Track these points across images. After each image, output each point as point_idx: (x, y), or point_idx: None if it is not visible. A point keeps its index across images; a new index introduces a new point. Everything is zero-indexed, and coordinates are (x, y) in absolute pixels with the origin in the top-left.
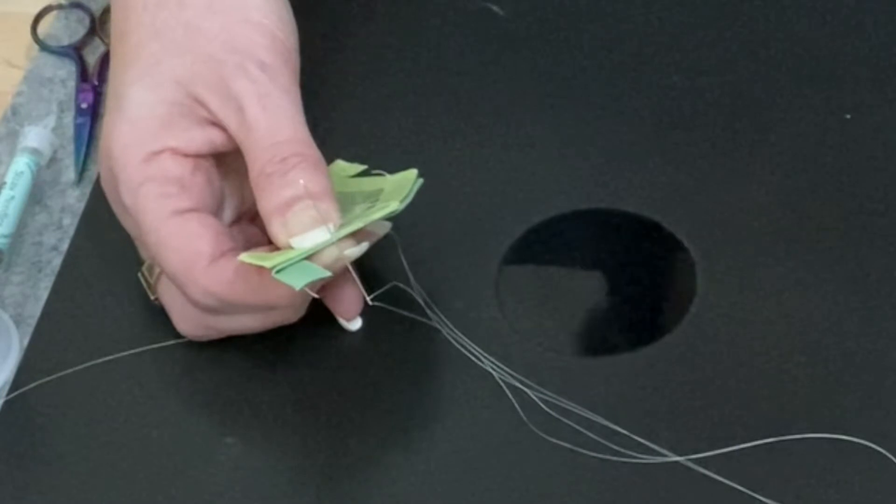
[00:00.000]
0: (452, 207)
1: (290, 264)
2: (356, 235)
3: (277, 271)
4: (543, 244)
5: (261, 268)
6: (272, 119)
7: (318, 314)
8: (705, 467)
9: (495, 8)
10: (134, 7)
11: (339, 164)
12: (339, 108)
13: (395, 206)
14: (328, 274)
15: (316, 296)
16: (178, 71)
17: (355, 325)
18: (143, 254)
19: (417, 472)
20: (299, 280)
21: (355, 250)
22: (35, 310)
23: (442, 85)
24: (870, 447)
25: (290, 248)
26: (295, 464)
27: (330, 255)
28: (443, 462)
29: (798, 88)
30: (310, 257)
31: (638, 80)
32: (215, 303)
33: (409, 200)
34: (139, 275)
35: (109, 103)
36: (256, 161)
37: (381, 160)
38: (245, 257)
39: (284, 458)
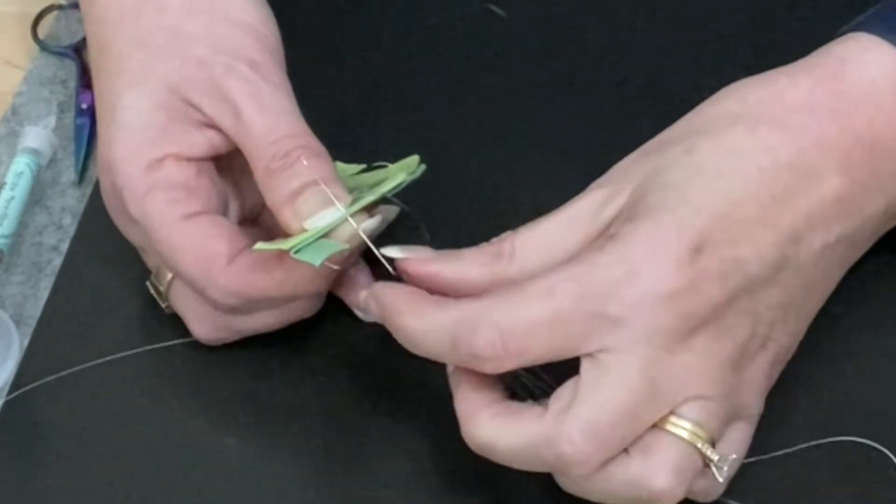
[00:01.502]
0: (451, 208)
1: (307, 244)
2: (368, 210)
3: (296, 252)
4: None
5: (279, 257)
6: (269, 117)
7: (318, 315)
8: None
9: (496, 8)
10: (111, 18)
11: (339, 165)
12: (339, 109)
13: (402, 177)
14: (346, 247)
15: (337, 268)
16: (168, 76)
17: (371, 315)
18: (149, 262)
19: (417, 471)
20: (318, 256)
21: (370, 223)
22: (35, 310)
23: (442, 85)
24: (870, 447)
25: (305, 231)
26: (295, 464)
27: (346, 232)
28: (443, 462)
29: None
30: (325, 236)
31: (639, 80)
32: (237, 301)
33: (415, 176)
34: (147, 284)
35: (101, 117)
36: (260, 160)
37: (380, 160)
38: (261, 246)
39: (284, 459)
